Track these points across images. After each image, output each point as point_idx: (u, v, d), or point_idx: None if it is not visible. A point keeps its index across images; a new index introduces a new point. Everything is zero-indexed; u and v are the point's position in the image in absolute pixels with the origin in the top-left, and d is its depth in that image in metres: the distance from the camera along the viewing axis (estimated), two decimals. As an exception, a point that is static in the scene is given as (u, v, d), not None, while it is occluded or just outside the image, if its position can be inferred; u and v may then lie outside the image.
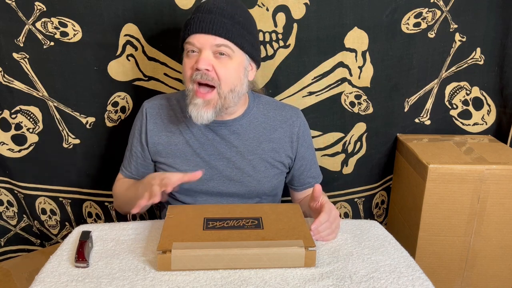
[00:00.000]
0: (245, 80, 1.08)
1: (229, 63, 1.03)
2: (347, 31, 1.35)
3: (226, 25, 1.01)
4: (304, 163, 1.22)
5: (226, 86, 1.03)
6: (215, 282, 0.82)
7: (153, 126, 1.15)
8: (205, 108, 1.03)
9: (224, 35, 1.01)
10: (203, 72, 1.01)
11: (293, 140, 1.18)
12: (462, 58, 1.48)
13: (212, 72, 1.02)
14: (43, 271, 0.86)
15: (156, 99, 1.18)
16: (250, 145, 1.15)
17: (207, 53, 1.01)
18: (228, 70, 1.03)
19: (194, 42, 1.01)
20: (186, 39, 1.03)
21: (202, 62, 1.00)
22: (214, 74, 1.02)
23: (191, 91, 1.04)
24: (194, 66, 1.02)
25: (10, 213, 1.56)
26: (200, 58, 1.01)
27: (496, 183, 1.29)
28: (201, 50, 1.02)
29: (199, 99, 1.03)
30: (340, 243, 0.97)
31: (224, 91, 1.04)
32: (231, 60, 1.03)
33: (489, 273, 1.39)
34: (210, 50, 1.01)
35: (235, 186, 1.15)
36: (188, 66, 1.04)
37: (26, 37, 1.30)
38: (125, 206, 1.19)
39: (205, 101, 1.03)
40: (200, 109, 1.03)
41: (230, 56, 1.03)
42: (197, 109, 1.03)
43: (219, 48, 1.01)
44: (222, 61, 1.02)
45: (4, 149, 1.44)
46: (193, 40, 1.01)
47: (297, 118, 1.19)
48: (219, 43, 1.01)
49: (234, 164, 1.14)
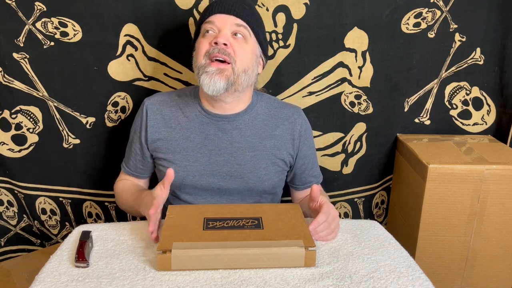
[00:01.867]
0: (256, 68, 1.12)
1: (245, 45, 1.08)
2: (347, 31, 1.35)
3: (246, 10, 1.08)
4: (306, 161, 1.22)
5: (241, 64, 1.06)
6: (215, 282, 0.82)
7: (154, 122, 1.15)
8: (218, 76, 1.04)
9: (244, 17, 1.07)
10: (221, 47, 1.04)
11: (294, 138, 1.18)
12: (462, 58, 1.48)
13: (229, 48, 1.05)
14: (43, 271, 0.86)
15: (157, 96, 1.19)
16: (252, 141, 1.15)
17: (227, 31, 1.05)
18: (244, 51, 1.07)
19: (215, 21, 1.06)
20: (207, 19, 1.07)
21: (222, 36, 1.04)
22: (231, 50, 1.05)
23: (204, 64, 1.05)
24: (212, 41, 1.04)
25: (10, 213, 1.56)
26: (220, 34, 1.05)
27: (496, 183, 1.29)
28: (220, 30, 1.05)
29: (212, 67, 1.04)
30: (340, 243, 0.97)
31: (239, 69, 1.06)
32: (246, 44, 1.08)
33: (489, 273, 1.39)
34: (229, 30, 1.05)
35: (235, 182, 1.15)
36: (206, 42, 1.06)
37: (26, 37, 1.30)
38: (127, 208, 1.22)
39: (219, 69, 1.04)
40: (214, 76, 1.04)
41: (246, 39, 1.08)
42: (210, 76, 1.04)
43: (239, 28, 1.06)
44: (239, 41, 1.07)
45: (4, 149, 1.44)
46: (214, 19, 1.06)
47: (298, 116, 1.20)
48: (239, 23, 1.06)
49: (235, 160, 1.14)
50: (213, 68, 1.04)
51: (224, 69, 1.04)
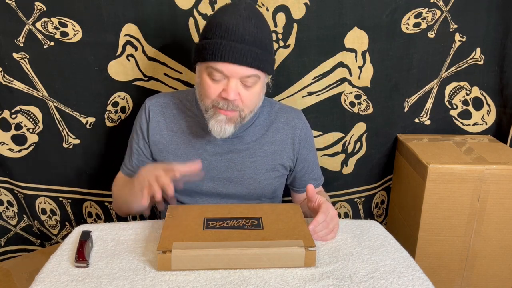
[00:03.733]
0: (263, 97, 1.10)
1: (253, 88, 1.03)
2: (347, 31, 1.35)
3: (258, 56, 0.99)
4: (306, 165, 1.22)
5: (248, 110, 1.05)
6: (215, 282, 0.82)
7: (156, 125, 1.15)
8: (228, 124, 1.04)
9: (256, 65, 1.00)
10: (229, 102, 1.01)
11: (295, 143, 1.18)
12: (462, 58, 1.48)
13: (238, 101, 1.02)
14: (43, 271, 0.86)
15: (159, 97, 1.18)
16: (252, 147, 1.14)
17: (236, 82, 1.00)
18: (253, 96, 1.04)
19: (223, 70, 0.98)
20: (212, 64, 0.99)
21: (232, 93, 0.99)
22: (239, 101, 1.02)
23: (211, 110, 1.03)
24: (222, 95, 1.00)
25: (10, 213, 1.56)
26: (229, 89, 0.99)
27: (496, 183, 1.29)
28: (228, 78, 1.00)
29: (222, 116, 1.03)
30: (340, 243, 0.97)
31: (246, 113, 1.05)
32: (255, 86, 1.03)
33: (489, 273, 1.39)
34: (238, 80, 1.00)
35: (235, 188, 1.15)
36: (214, 91, 1.01)
37: (26, 37, 1.30)
38: (123, 205, 1.19)
39: (228, 117, 1.03)
40: (223, 124, 1.03)
41: (255, 83, 1.03)
42: (220, 124, 1.03)
43: (249, 78, 1.01)
44: (247, 88, 1.02)
45: (4, 149, 1.44)
46: (222, 68, 0.98)
47: (299, 120, 1.19)
48: (250, 73, 1.00)
49: (235, 166, 1.14)
50: (222, 117, 1.03)
51: (232, 117, 1.03)
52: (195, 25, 1.32)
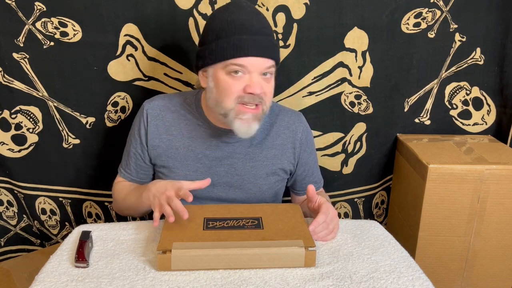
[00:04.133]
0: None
1: (271, 80, 1.04)
2: (347, 31, 1.35)
3: (275, 46, 1.02)
4: (306, 168, 1.21)
5: (268, 103, 1.05)
6: (215, 282, 0.82)
7: (154, 128, 1.12)
8: (254, 122, 1.03)
9: (274, 57, 1.01)
10: (256, 96, 1.00)
11: (295, 146, 1.17)
12: (462, 58, 1.48)
13: (262, 94, 1.01)
14: (43, 271, 0.86)
15: (158, 100, 1.15)
16: (253, 152, 1.14)
17: (258, 76, 1.00)
18: (271, 88, 1.04)
19: (246, 64, 0.97)
20: (234, 60, 0.97)
21: (258, 87, 0.98)
22: (263, 94, 1.01)
23: (234, 109, 1.01)
24: (247, 90, 0.99)
25: (10, 213, 1.56)
26: (254, 83, 0.98)
27: (496, 183, 1.29)
28: (250, 72, 0.99)
29: (249, 114, 1.01)
30: (340, 243, 0.97)
31: (267, 107, 1.05)
32: (272, 77, 1.04)
33: (489, 273, 1.39)
34: (260, 73, 1.00)
35: (236, 193, 1.14)
36: (237, 88, 0.99)
37: (26, 37, 1.30)
38: (126, 211, 1.19)
39: (254, 115, 1.02)
40: (250, 122, 1.02)
41: (272, 74, 1.03)
42: (247, 123, 1.02)
43: (269, 69, 1.01)
44: (267, 80, 1.02)
45: (4, 149, 1.44)
46: (246, 63, 0.97)
47: (300, 123, 1.18)
48: (270, 65, 1.00)
49: (235, 170, 1.13)
50: (248, 115, 1.01)
51: (257, 113, 1.03)
52: (195, 25, 1.32)
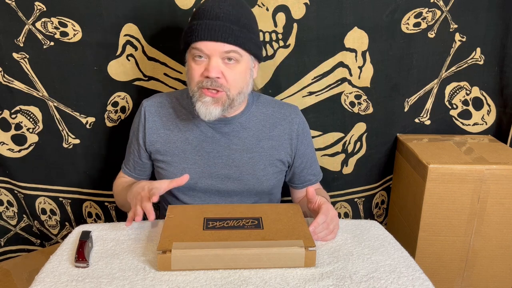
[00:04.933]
0: (250, 80, 1.10)
1: (237, 67, 1.04)
2: (347, 31, 1.35)
3: (234, 32, 1.01)
4: (304, 160, 1.22)
5: (235, 90, 1.05)
6: (215, 282, 0.82)
7: (152, 124, 1.15)
8: (214, 105, 1.04)
9: (233, 41, 1.01)
10: (213, 80, 1.01)
11: (292, 138, 1.18)
12: (462, 58, 1.48)
13: (221, 79, 1.02)
14: (43, 271, 0.86)
15: (155, 97, 1.19)
16: (249, 143, 1.15)
17: (217, 60, 1.01)
18: (237, 75, 1.04)
19: (202, 48, 1.01)
20: (193, 45, 1.02)
21: (213, 70, 1.01)
22: (223, 80, 1.03)
23: (197, 92, 1.04)
24: (204, 74, 1.02)
25: (10, 213, 1.56)
26: (210, 67, 1.01)
27: (496, 183, 1.29)
28: (209, 57, 1.01)
29: (208, 97, 1.03)
30: (340, 243, 0.97)
31: (233, 94, 1.05)
32: (238, 64, 1.04)
33: (489, 273, 1.39)
34: (219, 57, 1.02)
35: (234, 184, 1.15)
36: (197, 72, 1.03)
37: (26, 37, 1.30)
38: (122, 207, 1.24)
39: (214, 99, 1.04)
40: (209, 105, 1.04)
41: (238, 61, 1.04)
42: (206, 106, 1.04)
43: (229, 54, 1.02)
44: (230, 66, 1.03)
45: (4, 149, 1.44)
46: (201, 47, 1.01)
47: (296, 115, 1.19)
48: (228, 49, 1.01)
49: (233, 162, 1.14)
50: (208, 98, 1.03)
51: (219, 98, 1.04)
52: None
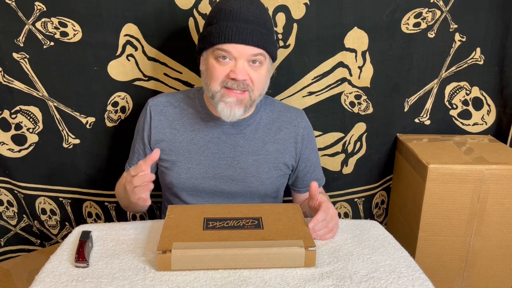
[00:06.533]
0: (268, 81, 1.11)
1: (261, 69, 1.05)
2: (347, 31, 1.35)
3: (263, 35, 1.02)
4: (308, 164, 1.22)
5: (257, 91, 1.06)
6: (215, 282, 0.82)
7: (158, 123, 1.15)
8: (238, 106, 1.05)
9: (262, 45, 1.02)
10: (240, 82, 1.02)
11: (297, 141, 1.18)
12: (462, 58, 1.48)
13: (247, 80, 1.03)
14: (43, 271, 0.86)
15: (161, 97, 1.19)
16: (255, 145, 1.15)
17: (243, 63, 1.02)
18: (260, 77, 1.05)
19: (231, 50, 1.01)
20: (219, 46, 1.01)
21: (241, 73, 1.01)
22: (249, 81, 1.04)
23: (220, 92, 1.04)
24: (230, 75, 1.02)
25: (10, 213, 1.56)
26: (237, 69, 1.01)
27: (496, 183, 1.29)
28: (236, 59, 1.02)
29: (232, 98, 1.04)
30: (340, 243, 0.97)
31: (256, 95, 1.07)
32: (262, 66, 1.05)
33: (489, 273, 1.39)
34: (245, 59, 1.02)
35: (238, 186, 1.15)
36: (221, 73, 1.03)
37: (26, 37, 1.30)
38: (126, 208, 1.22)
39: (238, 99, 1.04)
40: (233, 106, 1.04)
41: (262, 63, 1.05)
42: (230, 107, 1.04)
43: (256, 57, 1.03)
44: (255, 68, 1.04)
45: (4, 149, 1.44)
46: (230, 49, 1.01)
47: (302, 119, 1.20)
48: (257, 52, 1.02)
49: (238, 163, 1.14)
50: (232, 99, 1.04)
51: (243, 98, 1.05)
52: (195, 25, 1.32)
